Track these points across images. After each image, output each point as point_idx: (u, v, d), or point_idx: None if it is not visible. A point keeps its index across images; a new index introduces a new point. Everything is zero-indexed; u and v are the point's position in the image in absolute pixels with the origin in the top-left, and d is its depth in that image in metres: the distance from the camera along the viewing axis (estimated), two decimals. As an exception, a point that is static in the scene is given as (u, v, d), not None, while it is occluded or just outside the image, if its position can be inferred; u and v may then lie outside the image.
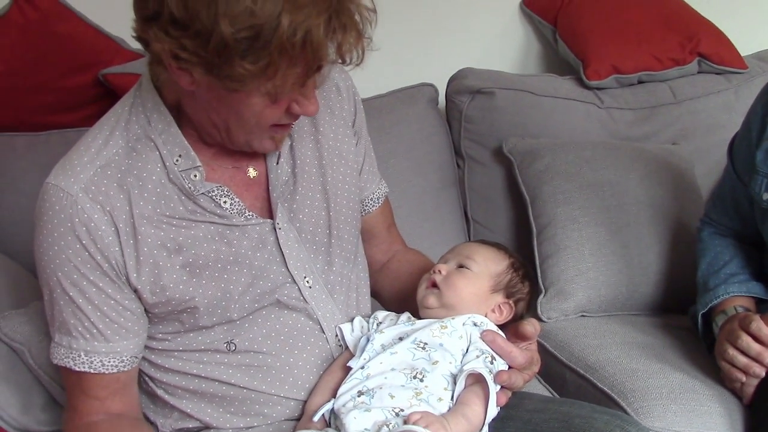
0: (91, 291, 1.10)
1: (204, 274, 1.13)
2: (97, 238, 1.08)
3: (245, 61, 0.96)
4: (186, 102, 1.10)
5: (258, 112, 1.05)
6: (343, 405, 1.09)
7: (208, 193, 1.13)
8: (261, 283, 1.16)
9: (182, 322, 1.15)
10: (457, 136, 2.02)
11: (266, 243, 1.17)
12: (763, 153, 1.41)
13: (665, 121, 2.07)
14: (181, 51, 0.97)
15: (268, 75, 0.98)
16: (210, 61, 0.97)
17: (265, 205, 1.19)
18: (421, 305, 1.20)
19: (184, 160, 1.12)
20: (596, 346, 1.60)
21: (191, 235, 1.12)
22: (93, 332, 1.12)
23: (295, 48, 0.96)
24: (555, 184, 1.86)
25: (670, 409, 1.39)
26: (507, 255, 1.25)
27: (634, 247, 1.80)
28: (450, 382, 1.10)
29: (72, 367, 1.12)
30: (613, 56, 2.06)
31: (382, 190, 1.40)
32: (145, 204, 1.11)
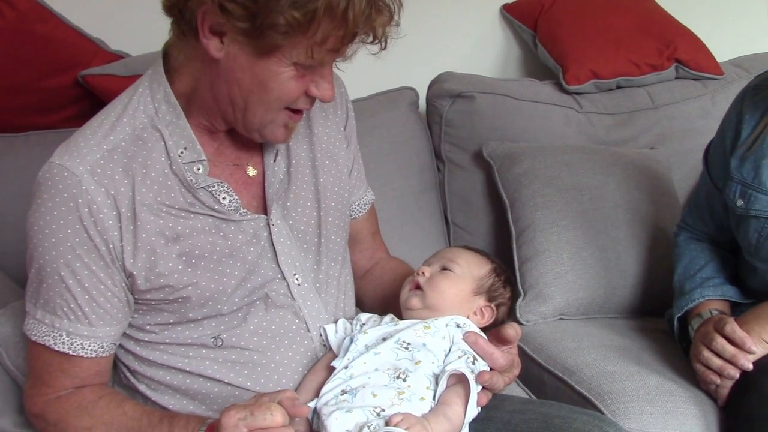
0: (83, 273, 1.10)
1: (200, 264, 1.14)
2: (98, 220, 1.09)
3: (294, 10, 1.00)
4: (205, 79, 1.11)
5: (282, 83, 1.07)
6: (325, 404, 1.09)
7: (208, 187, 1.15)
8: (252, 277, 1.17)
9: (172, 312, 1.15)
10: (437, 139, 2.03)
11: (259, 238, 1.18)
12: (737, 160, 1.43)
13: (643, 126, 2.09)
14: (229, 2, 1.01)
15: (310, 31, 1.02)
16: (256, 13, 1.01)
17: (260, 204, 1.21)
18: (404, 307, 1.22)
19: (189, 152, 1.13)
20: (574, 349, 1.61)
21: (189, 225, 1.14)
22: (78, 314, 1.12)
23: (339, 10, 1.01)
24: (534, 187, 1.87)
25: (646, 411, 1.41)
26: (490, 260, 1.27)
27: (612, 251, 1.81)
28: (432, 381, 1.11)
29: (52, 345, 1.12)
30: (592, 62, 2.08)
31: (369, 197, 1.42)
32: (147, 191, 1.12)
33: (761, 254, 1.42)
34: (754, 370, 1.33)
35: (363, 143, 1.90)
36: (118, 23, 1.89)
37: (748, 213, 1.41)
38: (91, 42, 1.78)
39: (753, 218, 1.41)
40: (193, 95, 1.14)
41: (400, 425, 1.01)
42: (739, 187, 1.42)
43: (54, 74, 1.73)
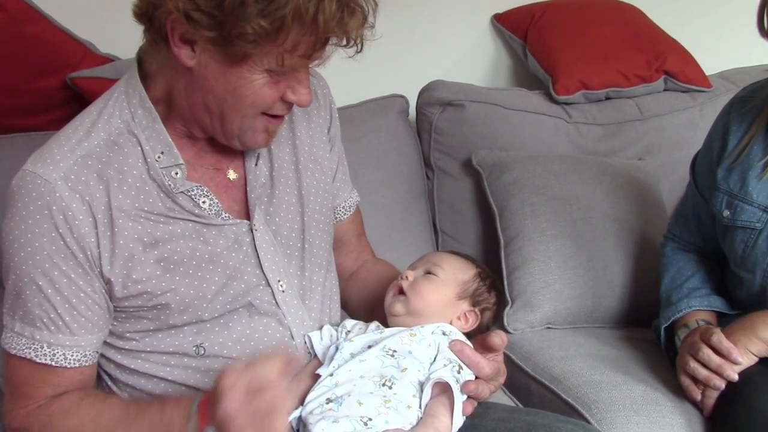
0: (62, 282, 1.08)
1: (178, 270, 1.12)
2: (74, 227, 1.07)
3: (261, 18, 0.98)
4: (180, 86, 1.10)
5: (256, 90, 1.06)
6: (310, 412, 1.08)
7: (188, 192, 1.13)
8: (234, 284, 1.15)
9: (151, 319, 1.13)
10: (426, 147, 2.03)
11: (242, 244, 1.17)
12: (723, 171, 1.44)
13: (631, 137, 2.10)
14: (195, 11, 0.99)
15: (280, 39, 1.00)
16: (223, 22, 0.99)
17: (242, 208, 1.19)
18: (388, 312, 1.21)
19: (167, 157, 1.12)
20: (561, 358, 1.61)
21: (168, 230, 1.12)
22: (59, 324, 1.10)
23: (308, 15, 0.99)
24: (523, 196, 1.87)
25: (632, 420, 1.41)
26: (475, 265, 1.26)
27: (600, 261, 1.82)
28: (418, 389, 1.10)
29: (33, 358, 1.10)
30: (582, 72, 2.08)
31: (354, 199, 1.41)
32: (123, 197, 1.10)
33: (747, 265, 1.42)
34: (739, 381, 1.33)
35: (352, 150, 1.90)
36: (107, 26, 1.88)
37: (734, 224, 1.42)
38: (81, 44, 1.77)
39: (739, 229, 1.41)
40: (169, 101, 1.13)
41: None
42: (725, 198, 1.43)
43: (42, 76, 1.72)
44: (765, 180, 1.37)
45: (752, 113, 1.42)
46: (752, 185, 1.39)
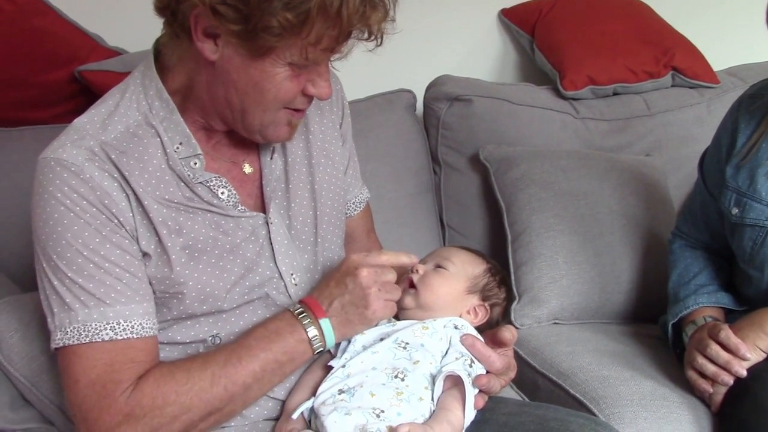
0: (116, 253, 1.07)
1: (202, 258, 1.12)
2: (111, 203, 1.07)
3: (287, 12, 0.99)
4: (201, 80, 1.10)
5: (278, 84, 1.06)
6: (322, 403, 1.08)
7: (206, 182, 1.14)
8: (251, 275, 1.16)
9: (170, 308, 1.13)
10: (434, 142, 2.03)
11: (258, 236, 1.17)
12: (732, 168, 1.43)
13: (639, 133, 2.10)
14: (220, 4, 1.00)
15: (304, 32, 1.01)
16: (249, 15, 1.00)
17: (257, 202, 1.20)
18: (399, 305, 1.21)
19: (185, 147, 1.12)
20: (568, 353, 1.61)
21: (190, 218, 1.13)
22: (127, 294, 1.07)
23: (332, 9, 1.00)
24: (530, 192, 1.87)
25: (640, 416, 1.40)
26: (485, 260, 1.27)
27: (607, 256, 1.82)
28: (430, 382, 1.10)
29: (113, 337, 1.06)
30: (589, 68, 2.08)
31: (364, 195, 1.41)
32: (145, 185, 1.10)
33: (756, 262, 1.42)
34: (747, 377, 1.33)
35: (360, 145, 1.90)
36: (115, 19, 1.89)
37: (743, 221, 1.42)
38: (89, 38, 1.78)
39: (748, 227, 1.41)
40: (188, 93, 1.13)
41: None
42: (734, 196, 1.43)
43: (51, 69, 1.72)
44: None
45: (761, 110, 1.42)
46: (761, 183, 1.39)
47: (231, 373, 1.08)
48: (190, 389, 1.07)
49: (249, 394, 1.11)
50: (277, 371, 1.11)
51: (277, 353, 1.10)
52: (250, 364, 1.09)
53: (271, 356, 1.10)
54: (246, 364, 1.09)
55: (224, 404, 1.09)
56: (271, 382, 1.12)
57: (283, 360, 1.11)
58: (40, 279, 1.09)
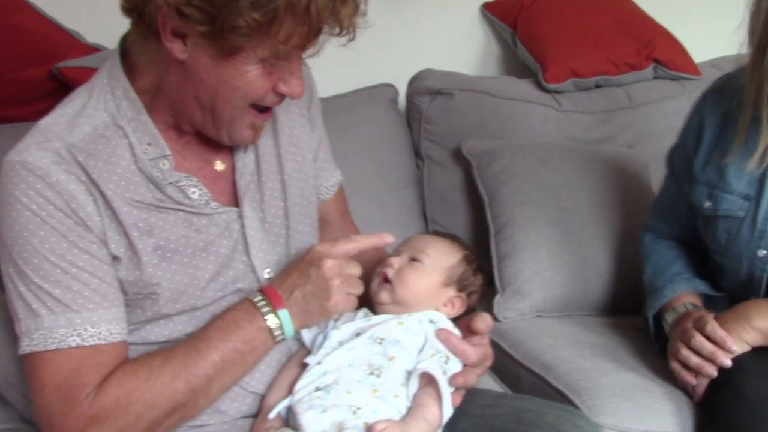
0: (84, 258, 1.06)
1: (174, 258, 1.11)
2: (78, 207, 1.05)
3: (254, 11, 0.98)
4: (171, 80, 1.09)
5: (249, 81, 1.05)
6: (299, 401, 1.08)
7: (176, 183, 1.12)
8: (225, 271, 1.15)
9: (144, 309, 1.12)
10: (416, 136, 2.03)
11: (231, 231, 1.17)
12: (700, 162, 1.44)
13: (621, 125, 2.10)
14: (186, 5, 0.99)
15: (273, 31, 1.00)
16: (215, 16, 0.98)
17: (229, 200, 1.19)
18: (374, 301, 1.21)
19: (153, 148, 1.11)
20: (551, 346, 1.61)
21: (162, 218, 1.11)
22: (95, 300, 1.06)
23: (300, 6, 0.99)
24: (513, 185, 1.88)
25: (622, 407, 1.41)
26: (460, 247, 1.25)
27: (590, 249, 1.82)
28: (406, 378, 1.10)
29: (80, 343, 1.05)
30: (571, 60, 2.08)
31: (337, 178, 1.40)
32: (114, 187, 1.09)
33: (731, 254, 1.42)
34: (729, 368, 1.33)
35: (342, 140, 1.91)
36: (94, 16, 1.87)
37: (716, 214, 1.42)
38: (67, 34, 1.76)
39: (721, 218, 1.42)
40: (157, 93, 1.12)
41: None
42: (705, 189, 1.43)
43: (28, 66, 1.70)
44: (743, 168, 1.37)
45: (726, 103, 1.42)
46: (731, 174, 1.39)
47: (191, 366, 1.08)
48: (152, 386, 1.06)
49: (212, 387, 1.10)
50: (238, 361, 1.11)
51: (236, 343, 1.10)
52: (209, 355, 1.09)
53: (230, 346, 1.10)
54: (205, 355, 1.08)
55: (187, 398, 1.08)
56: (234, 373, 1.12)
57: (243, 349, 1.10)
58: (7, 284, 1.07)
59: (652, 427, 1.39)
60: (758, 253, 1.39)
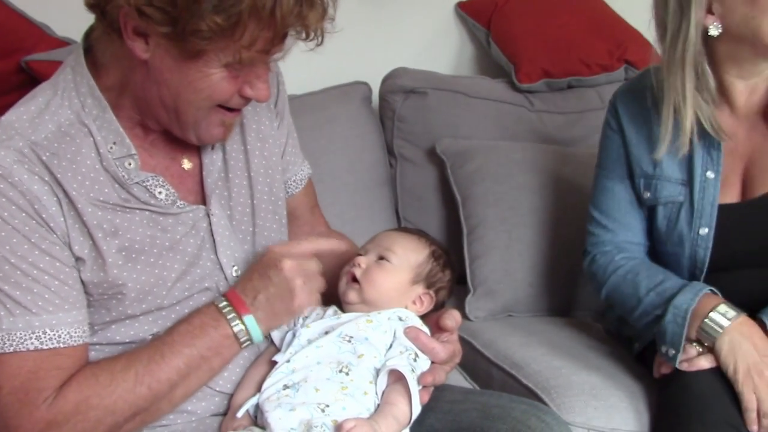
0: (45, 260, 1.04)
1: (140, 259, 1.09)
2: (41, 208, 1.03)
3: (216, 15, 0.95)
4: (136, 79, 1.07)
5: (213, 84, 1.04)
6: (267, 399, 1.07)
7: (143, 182, 1.10)
8: (193, 270, 1.14)
9: (109, 309, 1.10)
10: (389, 135, 2.03)
11: (199, 229, 1.15)
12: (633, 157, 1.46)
13: (593, 126, 2.10)
14: (147, 6, 0.96)
15: (236, 35, 0.98)
16: (177, 18, 0.96)
17: (198, 198, 1.17)
18: (342, 300, 1.20)
19: (119, 147, 1.09)
20: (522, 345, 1.62)
21: (127, 218, 1.09)
22: (56, 302, 1.04)
23: (265, 11, 0.97)
24: (486, 185, 1.88)
25: (590, 405, 1.42)
26: (427, 243, 1.25)
27: (561, 250, 1.83)
28: (375, 376, 1.10)
29: (39, 346, 1.03)
30: (544, 61, 2.10)
31: (305, 172, 1.38)
32: (79, 187, 1.06)
33: (673, 239, 1.45)
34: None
35: (315, 137, 1.90)
36: (63, 8, 1.83)
37: (657, 202, 1.45)
38: (36, 27, 1.74)
39: (661, 206, 1.45)
40: (123, 91, 1.09)
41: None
42: (641, 181, 1.46)
43: (0, 59, 1.68)
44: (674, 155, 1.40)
45: (639, 100, 1.45)
46: (665, 162, 1.43)
47: (155, 371, 1.06)
48: (113, 391, 1.05)
49: (175, 392, 1.09)
50: (203, 366, 1.10)
51: (202, 349, 1.09)
52: (173, 360, 1.07)
53: (195, 352, 1.08)
54: (169, 360, 1.07)
55: (149, 403, 1.07)
56: (199, 378, 1.11)
57: (209, 355, 1.09)
58: None
59: (618, 425, 1.41)
60: (700, 231, 1.41)
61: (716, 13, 1.31)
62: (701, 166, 1.41)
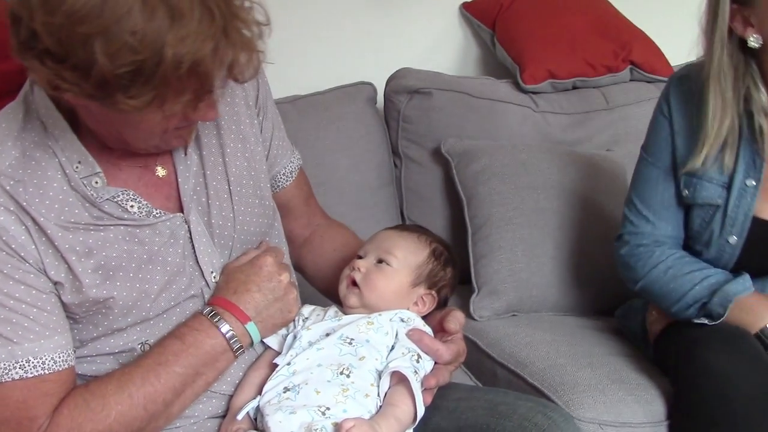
0: (20, 289, 1.02)
1: (118, 275, 1.07)
2: (9, 239, 1.01)
3: (128, 96, 0.91)
4: (79, 111, 1.04)
5: (154, 125, 0.99)
6: (267, 402, 1.07)
7: (113, 198, 1.07)
8: (178, 279, 1.12)
9: (96, 324, 1.09)
10: (394, 135, 2.03)
11: (178, 237, 1.12)
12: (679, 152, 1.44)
13: (598, 127, 2.12)
14: (61, 82, 0.91)
15: (155, 105, 0.93)
16: (92, 94, 0.91)
17: (176, 204, 1.14)
18: (343, 304, 1.19)
19: (84, 166, 1.05)
20: (526, 344, 1.62)
21: (100, 237, 1.06)
22: (35, 330, 1.03)
23: (182, 79, 0.91)
24: (491, 185, 1.88)
25: (599, 400, 1.43)
26: (427, 242, 1.23)
27: (566, 250, 1.83)
28: (376, 378, 1.09)
29: (24, 375, 1.02)
30: (549, 62, 2.09)
31: (295, 163, 1.34)
32: (47, 212, 1.03)
33: (701, 239, 1.45)
34: (689, 343, 1.35)
35: (320, 137, 1.90)
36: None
37: (694, 202, 1.44)
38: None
39: (698, 206, 1.44)
40: (76, 113, 1.06)
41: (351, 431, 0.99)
42: (683, 177, 1.44)
43: (3, 59, 1.68)
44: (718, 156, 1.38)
45: (692, 90, 1.43)
46: (708, 163, 1.40)
47: (150, 393, 1.05)
48: (107, 416, 1.04)
49: (172, 409, 1.08)
50: (199, 381, 1.09)
51: (197, 366, 1.08)
52: (169, 381, 1.06)
53: (191, 371, 1.07)
54: (165, 381, 1.06)
55: (146, 423, 1.06)
56: (195, 391, 1.10)
57: (204, 370, 1.09)
58: None
59: (629, 419, 1.41)
60: (729, 240, 1.41)
61: (755, 25, 1.29)
62: (743, 172, 1.39)
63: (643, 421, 1.40)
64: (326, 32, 2.12)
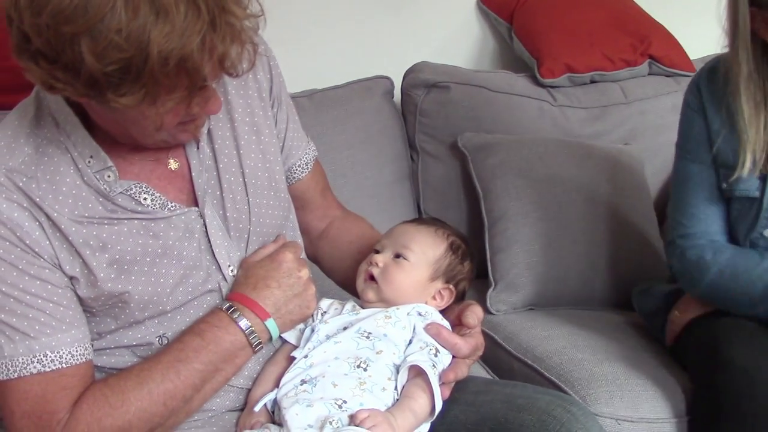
0: (36, 285, 1.03)
1: (133, 269, 1.08)
2: (24, 235, 1.02)
3: (118, 94, 0.91)
4: (86, 108, 1.04)
5: (152, 121, 0.99)
6: (285, 395, 1.07)
7: (126, 191, 1.08)
8: (194, 273, 1.12)
9: (113, 318, 1.10)
10: (411, 129, 2.03)
11: (193, 231, 1.12)
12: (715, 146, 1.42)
13: (616, 121, 2.11)
14: (55, 81, 0.92)
15: (147, 103, 0.93)
16: (85, 93, 0.92)
17: (190, 197, 1.14)
18: (361, 298, 1.19)
19: (96, 161, 1.06)
20: (544, 338, 1.62)
21: (114, 231, 1.07)
22: (52, 324, 1.04)
23: (170, 75, 0.90)
24: (508, 179, 1.88)
25: (616, 395, 1.43)
26: (445, 236, 1.22)
27: (583, 244, 1.83)
28: (393, 372, 1.09)
29: (42, 369, 1.03)
30: (567, 55, 2.09)
31: (311, 155, 1.33)
32: (61, 207, 1.04)
33: (734, 231, 1.44)
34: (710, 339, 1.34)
35: (337, 131, 1.91)
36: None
37: (732, 194, 1.43)
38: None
39: (735, 199, 1.43)
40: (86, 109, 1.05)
41: (365, 423, 0.99)
42: (721, 170, 1.43)
43: (18, 54, 1.69)
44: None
45: (721, 82, 1.41)
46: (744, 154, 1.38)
47: (170, 389, 1.06)
48: (126, 412, 1.04)
49: (191, 405, 1.09)
50: (218, 377, 1.10)
51: (217, 363, 1.08)
52: (189, 378, 1.07)
53: (210, 367, 1.08)
54: (185, 378, 1.07)
55: (165, 419, 1.07)
56: (214, 388, 1.11)
57: (223, 366, 1.09)
58: None
59: (646, 414, 1.40)
60: (764, 233, 1.39)
61: None
62: None
63: (661, 416, 1.40)
64: (344, 26, 2.13)
